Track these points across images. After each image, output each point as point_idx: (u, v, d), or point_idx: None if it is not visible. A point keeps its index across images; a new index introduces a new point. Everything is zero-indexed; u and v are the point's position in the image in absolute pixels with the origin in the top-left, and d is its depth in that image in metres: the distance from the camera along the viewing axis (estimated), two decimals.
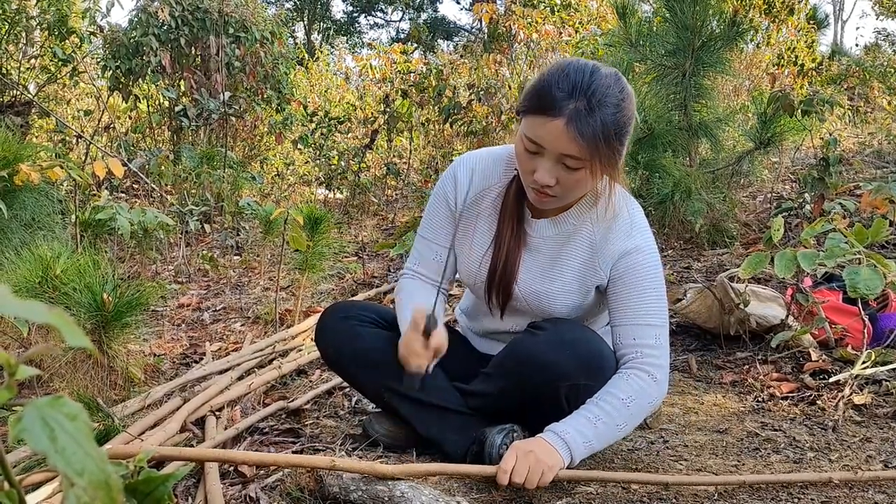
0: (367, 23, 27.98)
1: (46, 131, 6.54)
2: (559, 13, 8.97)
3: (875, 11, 21.69)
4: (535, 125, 1.50)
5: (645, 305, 1.63)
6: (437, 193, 1.80)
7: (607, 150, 1.48)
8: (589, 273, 1.68)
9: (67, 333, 0.43)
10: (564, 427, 1.55)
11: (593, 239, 1.67)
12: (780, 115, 3.76)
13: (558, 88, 1.47)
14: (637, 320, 1.63)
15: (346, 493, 1.48)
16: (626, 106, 1.52)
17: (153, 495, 0.70)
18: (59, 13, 5.70)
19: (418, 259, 1.84)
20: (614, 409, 1.57)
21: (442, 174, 1.82)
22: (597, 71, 1.50)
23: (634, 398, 1.58)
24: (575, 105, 1.46)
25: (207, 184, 5.08)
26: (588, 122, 1.45)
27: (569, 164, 1.50)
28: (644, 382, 1.60)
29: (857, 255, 2.02)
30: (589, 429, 1.55)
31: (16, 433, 0.44)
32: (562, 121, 1.46)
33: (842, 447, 1.81)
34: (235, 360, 2.50)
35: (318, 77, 9.95)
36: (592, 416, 1.56)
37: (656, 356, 1.62)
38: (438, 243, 1.80)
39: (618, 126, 1.49)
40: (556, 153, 1.49)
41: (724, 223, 3.95)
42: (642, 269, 1.64)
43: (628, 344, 1.63)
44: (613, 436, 1.60)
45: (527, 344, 1.66)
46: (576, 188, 1.55)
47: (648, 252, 1.65)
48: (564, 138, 1.46)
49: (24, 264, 2.30)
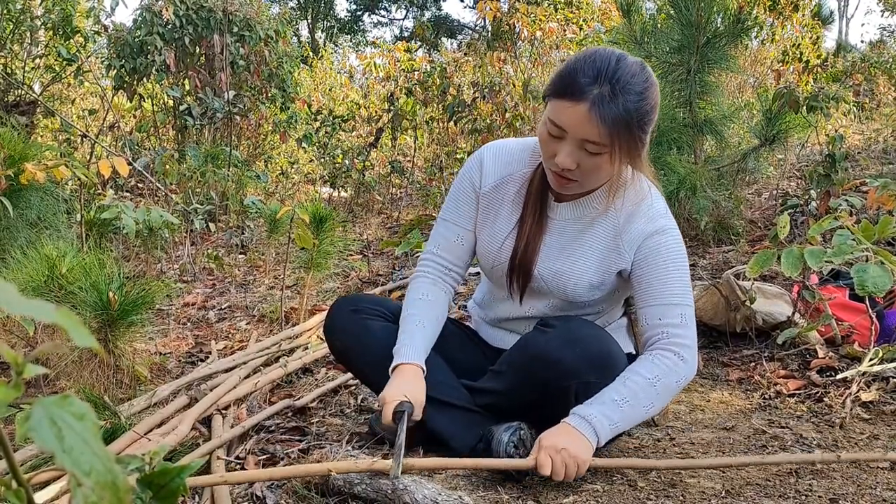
0: (371, 21, 28.00)
1: (51, 131, 6.55)
2: (563, 10, 8.95)
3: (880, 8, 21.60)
4: (559, 109, 1.52)
5: (670, 286, 1.64)
6: (461, 177, 1.83)
7: (628, 136, 1.50)
8: (611, 255, 1.70)
9: (74, 333, 0.43)
10: (591, 411, 1.56)
11: (616, 223, 1.69)
12: (785, 111, 3.75)
13: (583, 74, 1.49)
14: (662, 300, 1.64)
15: (351, 487, 1.49)
16: (650, 95, 1.54)
17: (168, 487, 0.71)
18: (63, 13, 5.70)
19: (439, 242, 1.85)
20: (641, 389, 1.58)
21: (468, 158, 1.84)
22: (623, 59, 1.52)
23: (661, 378, 1.59)
24: (599, 90, 1.47)
25: (212, 182, 5.08)
26: (610, 107, 1.47)
27: (590, 150, 1.52)
28: (671, 362, 1.61)
29: (864, 251, 2.01)
30: (615, 412, 1.56)
31: (23, 432, 0.44)
32: (585, 105, 1.47)
33: (849, 444, 1.80)
34: (241, 358, 2.50)
35: (323, 76, 9.96)
36: (619, 397, 1.57)
37: (682, 335, 1.63)
38: (461, 225, 1.83)
39: (640, 114, 1.51)
40: (578, 138, 1.51)
41: (729, 220, 3.94)
42: (666, 250, 1.66)
43: (654, 324, 1.64)
44: (640, 416, 1.61)
45: (536, 341, 1.66)
46: (596, 174, 1.57)
47: (671, 234, 1.67)
48: (586, 123, 1.48)
49: (30, 263, 2.31)
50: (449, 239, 1.83)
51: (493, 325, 1.93)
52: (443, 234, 1.85)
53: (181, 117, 5.98)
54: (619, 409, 1.56)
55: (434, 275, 1.85)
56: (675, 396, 1.69)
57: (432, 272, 1.85)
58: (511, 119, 5.96)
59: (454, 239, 1.83)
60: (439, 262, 1.85)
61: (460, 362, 1.84)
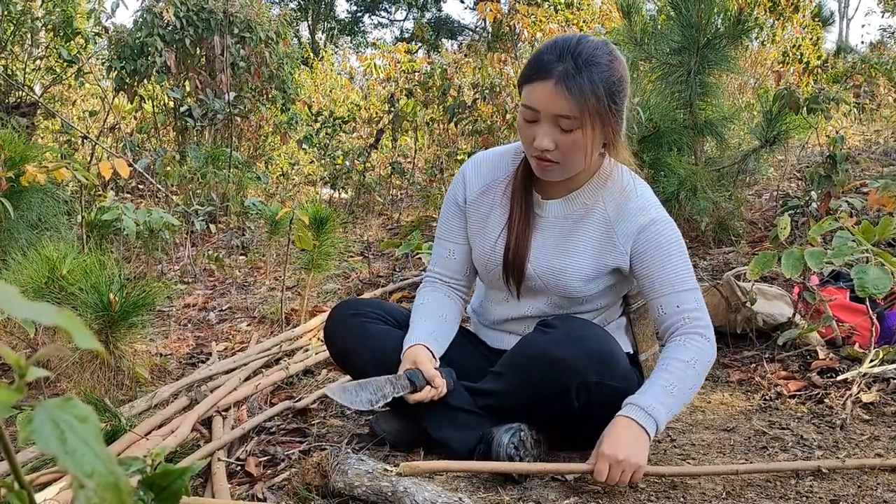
0: (372, 22, 28.02)
1: (52, 132, 6.55)
2: (563, 12, 8.95)
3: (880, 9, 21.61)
4: (530, 91, 1.58)
5: (678, 273, 1.67)
6: (448, 195, 1.90)
7: (597, 106, 1.54)
8: (606, 250, 1.72)
9: (77, 336, 0.43)
10: (647, 400, 1.57)
11: (606, 216, 1.72)
12: (785, 112, 3.74)
13: (548, 54, 1.57)
14: (676, 287, 1.67)
15: (352, 489, 1.49)
16: (616, 67, 1.58)
17: (170, 489, 0.71)
18: (64, 14, 5.70)
19: (436, 260, 1.93)
20: (683, 372, 1.60)
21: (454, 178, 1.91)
22: (585, 38, 1.59)
23: (697, 359, 1.62)
24: (563, 66, 1.53)
25: (213, 184, 5.08)
26: (576, 79, 1.52)
27: (563, 126, 1.55)
28: (700, 344, 1.64)
29: (864, 253, 2.01)
30: (668, 397, 1.58)
31: (26, 435, 0.44)
32: (551, 81, 1.53)
33: (850, 445, 1.80)
34: (242, 359, 2.51)
35: (323, 77, 9.96)
36: (667, 383, 1.59)
37: (702, 318, 1.67)
38: (451, 240, 1.89)
39: (607, 84, 1.55)
40: (550, 115, 1.55)
41: (730, 221, 3.94)
42: (665, 239, 1.69)
43: (673, 312, 1.66)
44: (687, 399, 1.64)
45: (537, 341, 1.66)
46: (575, 153, 1.59)
47: (666, 222, 1.71)
48: (554, 97, 1.53)
49: (31, 264, 2.31)
50: (442, 255, 1.91)
51: (492, 328, 1.93)
52: (438, 253, 1.93)
53: (182, 119, 5.97)
54: (671, 395, 1.58)
55: (433, 285, 1.92)
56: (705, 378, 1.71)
57: (430, 284, 1.92)
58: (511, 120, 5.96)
59: (446, 255, 1.90)
60: (438, 277, 1.92)
61: (460, 363, 1.84)
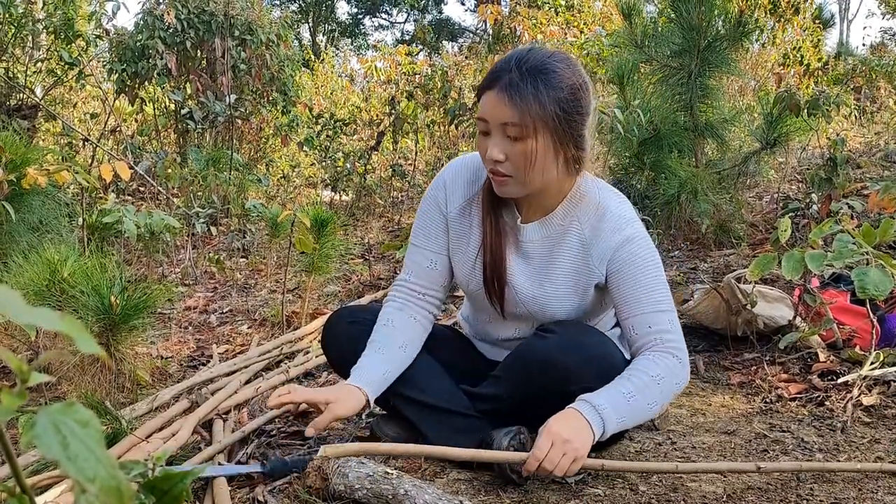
0: (372, 24, 28.04)
1: (53, 134, 6.56)
2: (564, 14, 8.95)
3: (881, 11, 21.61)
4: (481, 103, 1.56)
5: (652, 293, 1.63)
6: (428, 201, 1.81)
7: (542, 113, 1.50)
8: (583, 272, 1.68)
9: (79, 341, 0.43)
10: (601, 401, 1.53)
11: (583, 237, 1.68)
12: (786, 114, 3.75)
13: (499, 65, 1.56)
14: (648, 308, 1.62)
15: (352, 492, 1.49)
16: (565, 75, 1.54)
17: (171, 492, 0.71)
18: (65, 16, 5.71)
19: (412, 269, 1.81)
20: (645, 386, 1.56)
21: (432, 182, 1.83)
22: (539, 48, 1.58)
23: (664, 377, 1.58)
24: (509, 75, 1.52)
25: (214, 186, 5.09)
26: (519, 86, 1.50)
27: (511, 134, 1.52)
28: (671, 363, 1.60)
29: (864, 255, 2.01)
30: (623, 405, 1.54)
31: (28, 439, 0.44)
32: (496, 89, 1.52)
33: (850, 448, 1.80)
34: (242, 362, 2.51)
35: (324, 79, 9.97)
36: (626, 391, 1.55)
37: (675, 340, 1.63)
38: (433, 250, 1.80)
39: (555, 91, 1.51)
40: (497, 124, 1.53)
41: (730, 224, 3.94)
42: (640, 258, 1.64)
43: (644, 333, 1.62)
44: (643, 415, 1.60)
45: (536, 346, 1.65)
46: (525, 164, 1.54)
47: (641, 240, 1.65)
48: (499, 105, 1.51)
49: (32, 267, 2.31)
50: (421, 265, 1.80)
51: (485, 342, 1.93)
52: (415, 261, 1.81)
53: (183, 121, 5.98)
54: (627, 404, 1.54)
55: (403, 300, 1.80)
56: (671, 400, 1.67)
57: (401, 297, 1.81)
58: None
59: (427, 265, 1.80)
60: (412, 289, 1.80)
61: (459, 366, 1.84)
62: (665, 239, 4.05)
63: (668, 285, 1.69)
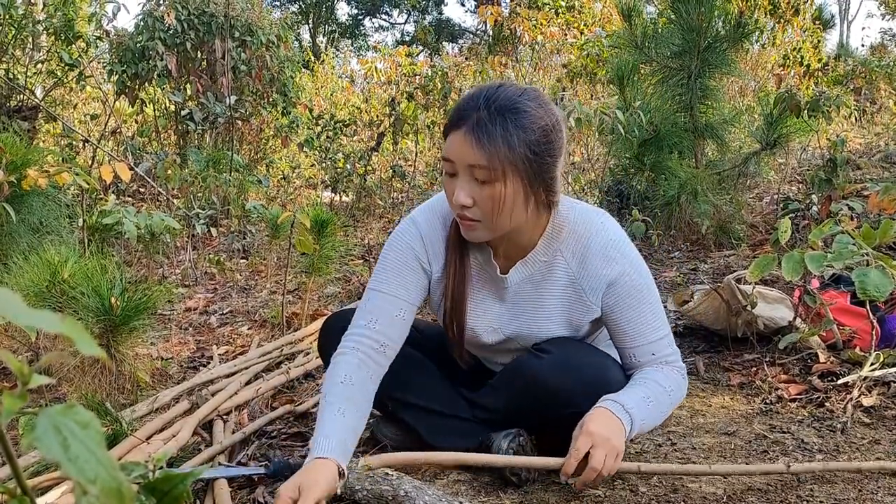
0: (372, 25, 28.06)
1: (53, 135, 6.56)
2: (564, 15, 8.96)
3: (881, 12, 21.62)
4: (447, 143, 1.47)
5: (651, 322, 1.61)
6: (402, 250, 1.66)
7: (510, 156, 1.41)
8: (576, 308, 1.63)
9: (80, 343, 0.43)
10: (628, 400, 1.52)
11: (570, 271, 1.60)
12: (786, 115, 3.75)
13: (466, 103, 1.46)
14: (649, 337, 1.60)
15: (352, 493, 1.49)
16: (537, 113, 1.44)
17: (172, 494, 0.71)
18: (65, 18, 5.72)
19: (377, 316, 1.61)
20: (659, 394, 1.57)
21: (402, 223, 1.69)
22: (507, 85, 1.48)
23: (674, 390, 1.60)
24: (477, 114, 1.42)
25: (214, 187, 5.09)
26: (487, 127, 1.40)
27: (479, 177, 1.43)
28: (678, 377, 1.62)
29: (864, 256, 2.01)
30: (644, 408, 1.53)
31: (29, 441, 0.44)
32: (463, 130, 1.42)
33: (850, 449, 1.80)
34: (243, 363, 2.51)
35: (324, 80, 9.98)
36: (645, 396, 1.54)
37: (676, 359, 1.64)
38: (405, 299, 1.63)
39: (526, 132, 1.42)
40: (465, 165, 1.43)
41: (730, 224, 3.95)
42: (635, 290, 1.59)
43: (648, 360, 1.62)
44: (656, 420, 1.60)
45: (532, 366, 1.61)
46: (495, 209, 1.45)
47: (632, 269, 1.59)
48: (466, 146, 1.42)
49: (32, 268, 2.31)
50: (390, 313, 1.61)
51: (482, 358, 1.89)
52: (382, 309, 1.61)
53: (183, 122, 5.99)
54: (646, 407, 1.54)
55: (364, 355, 1.59)
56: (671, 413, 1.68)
57: (362, 352, 1.59)
58: None
59: (396, 313, 1.61)
60: (374, 338, 1.60)
61: (459, 370, 1.83)
62: (665, 240, 4.05)
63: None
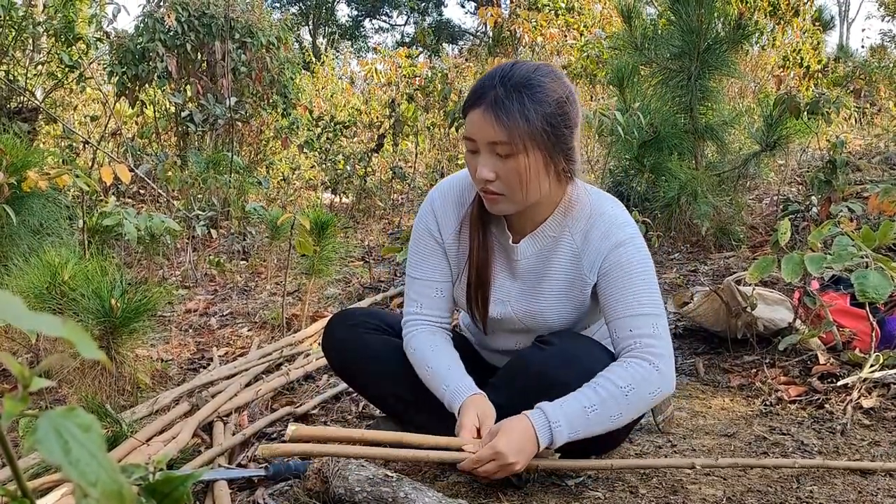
0: (373, 27, 28.10)
1: (53, 137, 6.57)
2: (564, 16, 8.97)
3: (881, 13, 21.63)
4: (467, 122, 1.53)
5: (637, 296, 1.59)
6: (420, 230, 1.77)
7: (529, 130, 1.47)
8: (576, 283, 1.66)
9: (80, 345, 0.43)
10: (558, 417, 1.51)
11: (574, 247, 1.65)
12: (786, 117, 3.75)
13: (483, 82, 1.53)
14: (631, 311, 1.59)
15: (352, 495, 1.49)
16: (553, 88, 1.51)
17: (172, 496, 0.71)
18: (65, 19, 5.72)
19: (420, 301, 1.76)
20: (611, 397, 1.53)
21: (420, 209, 1.79)
22: (521, 63, 1.55)
23: (634, 387, 1.54)
24: (494, 92, 1.48)
25: (214, 188, 5.09)
26: (504, 104, 1.47)
27: (500, 152, 1.49)
28: (644, 371, 1.55)
29: (864, 258, 2.01)
30: (581, 419, 1.52)
31: (30, 444, 0.44)
32: (482, 108, 1.49)
33: (850, 450, 1.81)
34: (243, 364, 2.51)
35: (324, 81, 9.98)
36: (589, 404, 1.52)
37: (656, 345, 1.57)
38: (436, 279, 1.75)
39: (542, 105, 1.48)
40: (486, 143, 1.50)
41: (730, 226, 3.95)
42: (627, 262, 1.60)
43: (625, 336, 1.59)
44: (603, 426, 1.55)
45: (535, 359, 1.63)
46: (518, 182, 1.51)
47: (631, 244, 1.62)
48: (486, 124, 1.48)
49: (33, 270, 2.31)
50: (428, 296, 1.75)
51: (484, 349, 1.92)
52: (422, 293, 1.76)
53: (183, 123, 5.99)
54: (586, 418, 1.52)
55: (428, 329, 1.75)
56: (648, 408, 1.64)
57: (424, 327, 1.75)
58: None
59: (433, 294, 1.75)
60: (428, 319, 1.75)
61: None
62: (665, 241, 4.05)
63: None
